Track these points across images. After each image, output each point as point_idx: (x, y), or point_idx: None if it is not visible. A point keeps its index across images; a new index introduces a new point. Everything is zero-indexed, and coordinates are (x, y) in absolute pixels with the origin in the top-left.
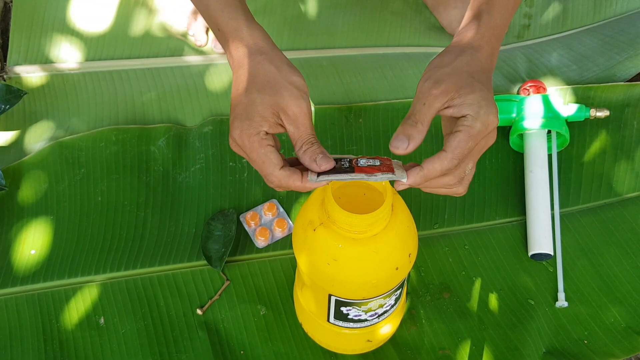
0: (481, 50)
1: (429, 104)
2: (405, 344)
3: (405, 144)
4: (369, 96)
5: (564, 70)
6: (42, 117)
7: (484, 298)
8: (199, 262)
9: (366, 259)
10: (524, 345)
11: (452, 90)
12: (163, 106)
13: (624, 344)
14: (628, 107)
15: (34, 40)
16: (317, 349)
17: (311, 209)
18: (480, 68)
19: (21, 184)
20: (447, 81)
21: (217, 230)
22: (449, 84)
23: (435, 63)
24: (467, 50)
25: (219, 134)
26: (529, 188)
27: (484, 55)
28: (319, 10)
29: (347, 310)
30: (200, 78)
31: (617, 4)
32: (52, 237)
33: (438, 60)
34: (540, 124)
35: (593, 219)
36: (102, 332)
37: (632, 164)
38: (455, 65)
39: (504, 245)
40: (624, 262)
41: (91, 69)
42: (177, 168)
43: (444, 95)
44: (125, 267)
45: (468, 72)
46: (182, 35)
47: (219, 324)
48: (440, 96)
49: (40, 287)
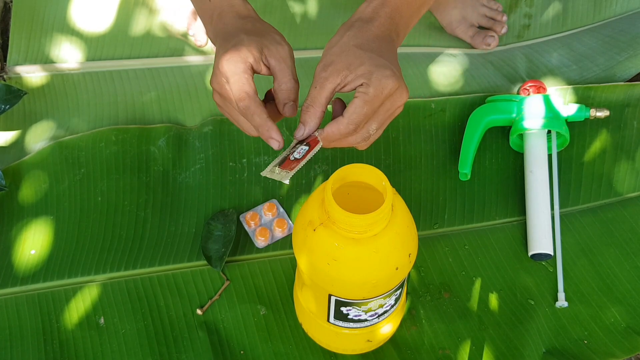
0: (373, 21)
1: (320, 87)
2: (405, 344)
3: (302, 131)
4: None
5: (564, 70)
6: (42, 117)
7: (484, 298)
8: (199, 262)
9: (366, 259)
10: (524, 345)
11: (343, 68)
12: (163, 106)
13: (624, 344)
14: (628, 107)
15: (34, 40)
16: (317, 349)
17: (311, 209)
18: (372, 37)
19: (21, 184)
20: (336, 61)
21: (217, 230)
22: (338, 63)
23: (327, 45)
24: (355, 24)
25: (219, 134)
26: (529, 188)
27: (376, 25)
28: (319, 10)
29: (347, 310)
30: (200, 78)
31: (617, 4)
32: (52, 237)
33: (330, 41)
34: (541, 124)
35: (593, 219)
36: (102, 332)
37: (632, 164)
38: (342, 42)
39: (504, 245)
40: (624, 262)
41: (91, 69)
42: (177, 168)
43: (335, 75)
44: (125, 267)
45: (356, 46)
46: (182, 35)
47: (219, 324)
48: (330, 77)
49: (40, 287)
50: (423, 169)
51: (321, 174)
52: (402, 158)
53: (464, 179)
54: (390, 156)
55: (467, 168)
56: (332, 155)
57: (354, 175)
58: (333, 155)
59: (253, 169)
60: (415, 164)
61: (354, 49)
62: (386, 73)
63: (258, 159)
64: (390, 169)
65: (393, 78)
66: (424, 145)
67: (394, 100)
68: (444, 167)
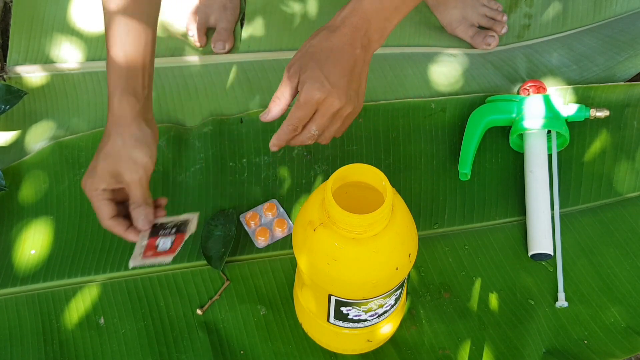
0: (337, 31)
1: (284, 84)
2: (405, 344)
3: (266, 115)
4: (369, 96)
5: (564, 70)
6: (42, 117)
7: (484, 298)
8: (199, 262)
9: (366, 259)
10: (524, 345)
11: (298, 71)
12: (163, 106)
13: (624, 344)
14: (628, 107)
15: (34, 40)
16: (317, 349)
17: (311, 209)
18: (328, 48)
19: (21, 184)
20: (296, 64)
21: (217, 230)
22: (296, 66)
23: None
24: (320, 33)
25: (218, 134)
26: (529, 188)
27: (338, 35)
28: (319, 10)
29: (347, 310)
30: (200, 78)
31: (617, 4)
32: (52, 237)
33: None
34: (541, 124)
35: (593, 219)
36: (102, 332)
37: (632, 164)
38: (304, 48)
39: (504, 245)
40: (624, 262)
41: (91, 69)
42: (177, 168)
43: (294, 75)
44: (125, 267)
45: (311, 53)
46: (182, 36)
47: (219, 324)
48: (291, 77)
49: (40, 287)
50: (423, 169)
51: (321, 174)
52: (402, 158)
53: (464, 179)
54: (390, 156)
55: (467, 168)
56: (332, 155)
57: (354, 175)
58: (333, 155)
59: (253, 169)
60: (415, 164)
61: (308, 56)
62: (315, 85)
63: (258, 159)
64: (390, 169)
65: (321, 90)
66: (424, 145)
67: (326, 108)
68: (444, 167)
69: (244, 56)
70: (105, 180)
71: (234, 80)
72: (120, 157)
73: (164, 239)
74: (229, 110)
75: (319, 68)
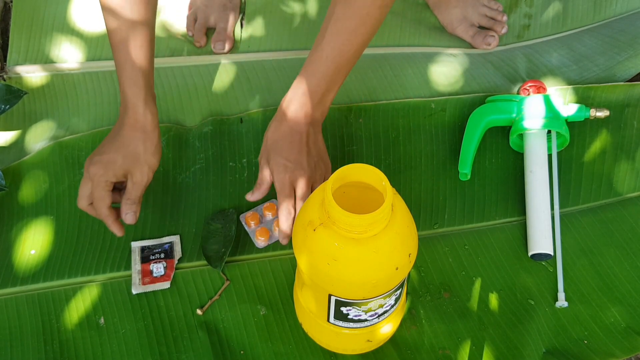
0: (283, 121)
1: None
2: (405, 344)
3: (251, 196)
4: (369, 96)
5: (564, 70)
6: (42, 117)
7: (484, 298)
8: (199, 262)
9: (366, 259)
10: (524, 345)
11: (267, 162)
12: (163, 106)
13: (624, 344)
14: (628, 107)
15: (34, 40)
16: (317, 349)
17: (311, 209)
18: (280, 137)
19: (21, 184)
20: (263, 156)
21: (217, 230)
22: (264, 158)
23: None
24: (272, 125)
25: (219, 134)
26: (529, 188)
27: (285, 124)
28: (319, 10)
29: (347, 310)
30: (200, 78)
31: (617, 4)
32: (52, 237)
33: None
34: (541, 124)
35: (593, 219)
36: (102, 332)
37: (632, 164)
38: (265, 141)
39: (504, 245)
40: (624, 262)
41: (91, 69)
42: (177, 168)
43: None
44: (125, 267)
45: (270, 145)
46: (182, 36)
47: (219, 324)
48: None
49: (40, 287)
50: (423, 169)
51: None
52: (402, 158)
53: (464, 179)
54: (390, 156)
55: (467, 168)
56: (332, 155)
57: (354, 175)
58: (333, 155)
59: (253, 169)
60: (415, 164)
61: (268, 150)
62: (281, 169)
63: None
64: (390, 169)
65: (287, 171)
66: (424, 145)
67: (299, 182)
68: (444, 167)
69: (244, 56)
70: (117, 176)
71: (234, 80)
72: (139, 160)
73: (157, 265)
74: (229, 110)
75: (279, 155)
